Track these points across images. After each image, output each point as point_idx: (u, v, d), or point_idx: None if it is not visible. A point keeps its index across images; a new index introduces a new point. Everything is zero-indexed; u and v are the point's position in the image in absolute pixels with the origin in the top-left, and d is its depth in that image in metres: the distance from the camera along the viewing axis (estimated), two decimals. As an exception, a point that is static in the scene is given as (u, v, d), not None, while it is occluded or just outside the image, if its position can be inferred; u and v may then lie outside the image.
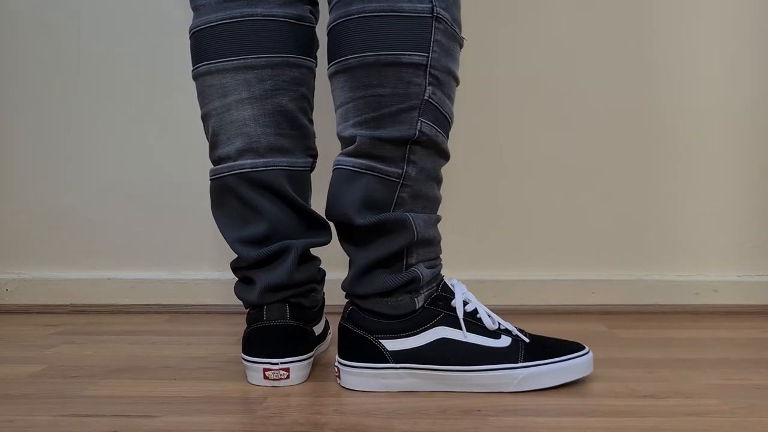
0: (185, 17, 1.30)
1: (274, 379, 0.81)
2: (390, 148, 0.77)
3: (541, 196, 1.30)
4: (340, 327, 0.82)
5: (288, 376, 0.81)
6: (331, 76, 0.81)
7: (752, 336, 1.08)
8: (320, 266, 0.91)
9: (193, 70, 0.86)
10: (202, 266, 1.33)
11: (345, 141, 0.81)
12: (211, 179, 0.86)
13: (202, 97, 0.86)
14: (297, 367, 0.82)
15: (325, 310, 0.97)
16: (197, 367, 0.90)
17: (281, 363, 0.81)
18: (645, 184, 1.31)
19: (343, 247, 0.83)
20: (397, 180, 0.78)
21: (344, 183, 0.79)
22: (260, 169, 0.83)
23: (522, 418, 0.70)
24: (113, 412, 0.73)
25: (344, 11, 0.77)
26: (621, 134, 1.30)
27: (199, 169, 1.31)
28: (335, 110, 0.82)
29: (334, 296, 1.04)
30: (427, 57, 0.76)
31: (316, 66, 0.89)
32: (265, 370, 0.81)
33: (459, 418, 0.70)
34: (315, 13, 0.89)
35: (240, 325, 1.15)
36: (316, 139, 0.91)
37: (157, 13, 1.30)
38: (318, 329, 0.91)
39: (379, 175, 0.78)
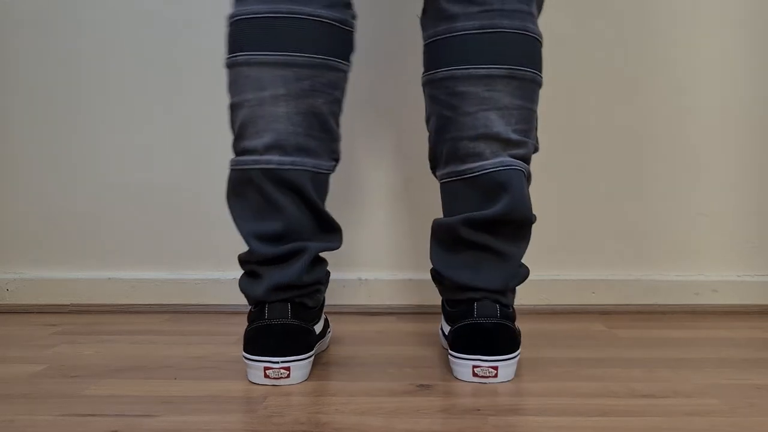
0: (187, 17, 1.30)
1: (274, 378, 0.81)
2: (529, 159, 0.88)
3: (541, 195, 1.30)
4: (501, 326, 0.83)
5: (288, 375, 0.81)
6: (494, 77, 0.84)
7: (752, 336, 1.08)
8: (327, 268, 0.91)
9: (228, 58, 0.85)
10: (202, 266, 1.33)
11: (506, 142, 0.85)
12: (232, 169, 0.85)
13: (235, 87, 0.84)
14: (297, 366, 0.82)
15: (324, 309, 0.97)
16: (197, 367, 0.90)
17: (282, 362, 0.81)
18: (645, 184, 1.31)
19: (497, 247, 0.86)
20: None
21: (524, 184, 0.85)
22: (286, 167, 0.83)
23: (522, 418, 0.70)
24: (114, 411, 0.73)
25: (489, 23, 0.83)
26: (621, 134, 1.30)
27: (200, 169, 1.32)
28: (488, 110, 0.84)
29: (336, 296, 1.05)
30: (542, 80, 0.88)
31: (350, 70, 0.90)
32: (265, 368, 0.81)
33: (459, 418, 0.70)
34: (355, 18, 0.89)
35: (240, 325, 1.15)
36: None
37: (159, 13, 1.30)
38: (318, 328, 0.91)
39: (528, 180, 0.88)
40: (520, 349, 0.85)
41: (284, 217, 0.83)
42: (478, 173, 0.84)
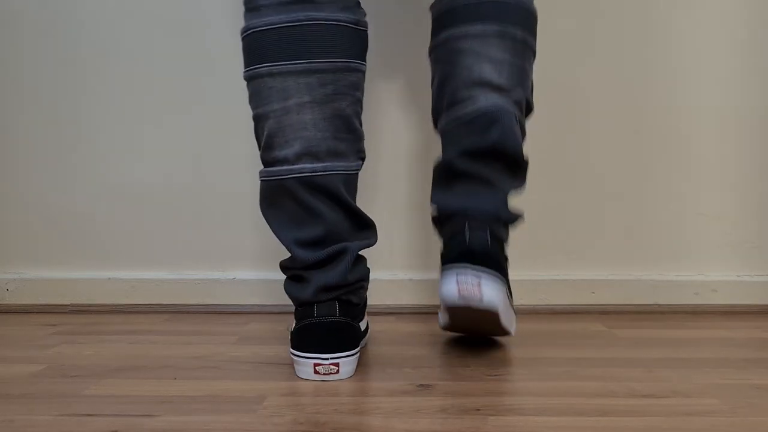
0: (189, 18, 1.30)
1: (324, 374, 0.83)
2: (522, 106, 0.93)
3: (540, 195, 1.30)
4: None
5: (338, 371, 0.83)
6: (487, 35, 0.88)
7: (752, 336, 1.08)
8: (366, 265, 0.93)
9: (249, 71, 0.85)
10: (202, 266, 1.33)
11: (498, 88, 0.89)
12: (263, 180, 0.86)
13: (259, 98, 0.85)
14: (346, 362, 0.84)
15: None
16: (197, 367, 0.90)
17: (332, 358, 0.83)
18: (645, 184, 1.31)
19: (490, 177, 0.90)
20: None
21: (514, 122, 0.89)
22: (319, 173, 0.84)
23: (522, 417, 0.70)
24: (113, 411, 0.73)
25: None
26: (621, 134, 1.30)
27: (199, 169, 1.32)
28: (483, 62, 0.89)
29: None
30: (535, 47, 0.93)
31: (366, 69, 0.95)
32: (315, 365, 0.83)
33: (459, 418, 0.70)
34: (365, 16, 0.90)
35: (240, 325, 1.15)
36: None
37: (159, 14, 1.31)
38: (362, 324, 0.94)
39: (522, 129, 0.93)
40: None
41: (323, 222, 0.84)
42: (473, 115, 0.89)
